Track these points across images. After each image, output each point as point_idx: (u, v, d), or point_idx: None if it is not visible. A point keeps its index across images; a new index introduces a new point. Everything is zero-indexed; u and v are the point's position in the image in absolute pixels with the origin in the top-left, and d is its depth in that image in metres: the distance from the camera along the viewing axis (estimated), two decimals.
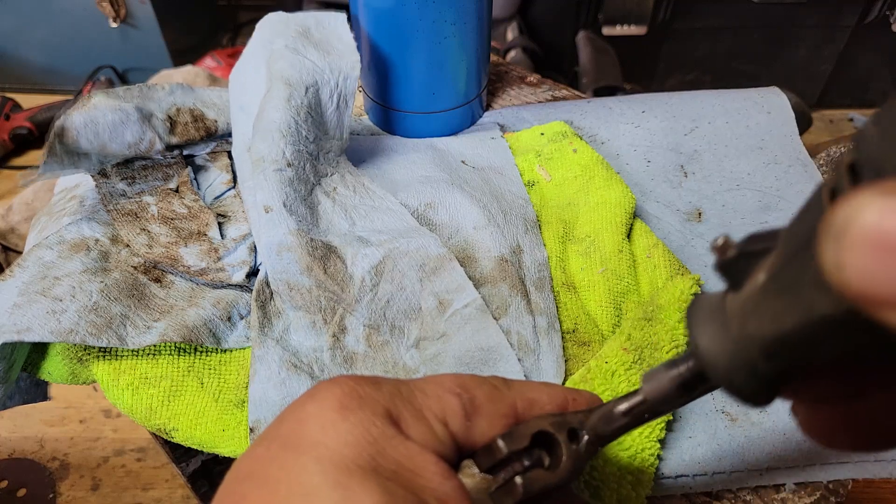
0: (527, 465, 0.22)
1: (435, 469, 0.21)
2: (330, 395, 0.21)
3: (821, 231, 0.13)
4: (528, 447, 0.22)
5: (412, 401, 0.22)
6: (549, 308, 0.39)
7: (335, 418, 0.21)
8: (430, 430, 0.22)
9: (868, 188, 0.12)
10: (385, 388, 0.22)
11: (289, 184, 0.39)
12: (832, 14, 1.36)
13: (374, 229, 0.41)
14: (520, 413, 0.24)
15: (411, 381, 0.23)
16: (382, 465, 0.20)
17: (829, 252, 0.13)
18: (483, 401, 0.23)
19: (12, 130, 1.35)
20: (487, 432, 0.23)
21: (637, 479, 0.33)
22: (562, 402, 0.24)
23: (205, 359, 0.37)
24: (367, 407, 0.21)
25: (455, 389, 0.23)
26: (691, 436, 0.36)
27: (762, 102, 0.54)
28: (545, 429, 0.22)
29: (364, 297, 0.37)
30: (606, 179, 0.47)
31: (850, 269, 0.12)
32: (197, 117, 0.45)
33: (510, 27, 1.37)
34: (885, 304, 0.12)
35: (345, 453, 0.20)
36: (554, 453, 0.23)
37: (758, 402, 0.18)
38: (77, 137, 0.39)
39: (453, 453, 0.22)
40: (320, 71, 0.42)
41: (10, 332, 0.34)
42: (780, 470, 0.35)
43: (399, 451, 0.21)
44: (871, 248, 0.12)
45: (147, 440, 0.87)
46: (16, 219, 1.06)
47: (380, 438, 0.20)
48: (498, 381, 0.24)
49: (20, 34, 1.45)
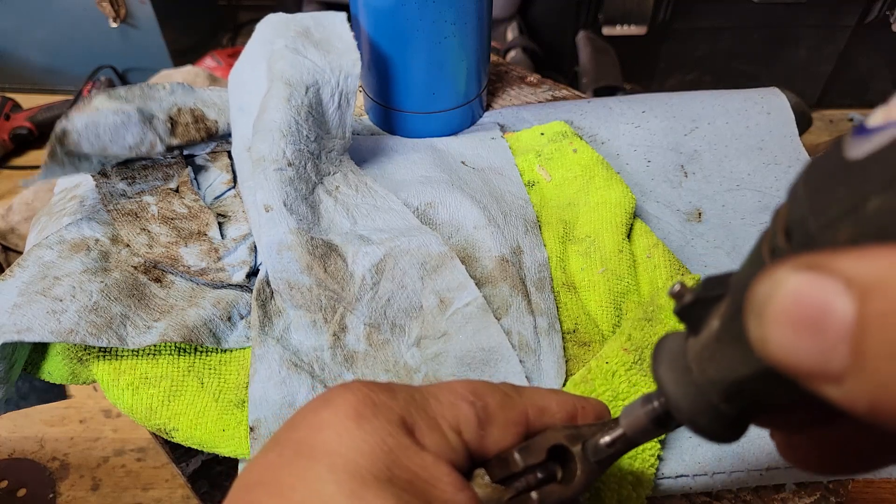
0: (540, 477, 0.22)
1: (449, 480, 0.21)
2: (345, 403, 0.21)
3: (745, 306, 0.13)
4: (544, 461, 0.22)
5: (426, 409, 0.22)
6: (549, 308, 0.39)
7: (350, 426, 0.20)
8: (445, 439, 0.22)
9: (787, 262, 0.13)
10: (400, 395, 0.22)
11: (289, 183, 0.39)
12: (832, 14, 1.36)
13: (375, 228, 0.41)
14: (530, 421, 0.24)
15: (424, 388, 0.23)
16: (397, 475, 0.20)
17: (752, 326, 0.13)
18: (495, 409, 0.23)
19: (12, 130, 1.35)
20: (500, 441, 0.23)
21: (637, 480, 0.33)
22: (571, 409, 0.24)
23: (205, 359, 0.37)
24: (383, 415, 0.21)
25: (468, 397, 0.23)
26: (691, 436, 0.36)
27: (762, 103, 0.54)
28: (561, 442, 0.23)
29: (365, 295, 0.37)
30: (606, 179, 0.47)
31: (772, 342, 0.13)
32: (198, 118, 0.45)
33: (510, 27, 1.37)
34: (808, 374, 0.12)
35: (360, 462, 0.19)
36: (567, 466, 0.23)
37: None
38: (78, 140, 0.39)
39: (466, 462, 0.22)
40: (321, 70, 0.42)
41: (11, 332, 0.34)
42: (780, 470, 0.35)
43: (414, 461, 0.20)
44: (790, 324, 0.12)
45: (147, 440, 0.87)
46: (16, 219, 1.06)
47: (395, 448, 0.20)
48: (509, 388, 0.24)
49: (20, 34, 1.45)
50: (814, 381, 0.13)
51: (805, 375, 0.13)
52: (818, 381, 0.12)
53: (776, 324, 0.13)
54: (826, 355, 0.12)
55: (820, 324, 0.12)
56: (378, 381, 0.23)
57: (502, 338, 0.37)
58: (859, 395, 0.12)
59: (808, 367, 0.12)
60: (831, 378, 0.12)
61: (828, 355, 0.12)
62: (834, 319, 0.12)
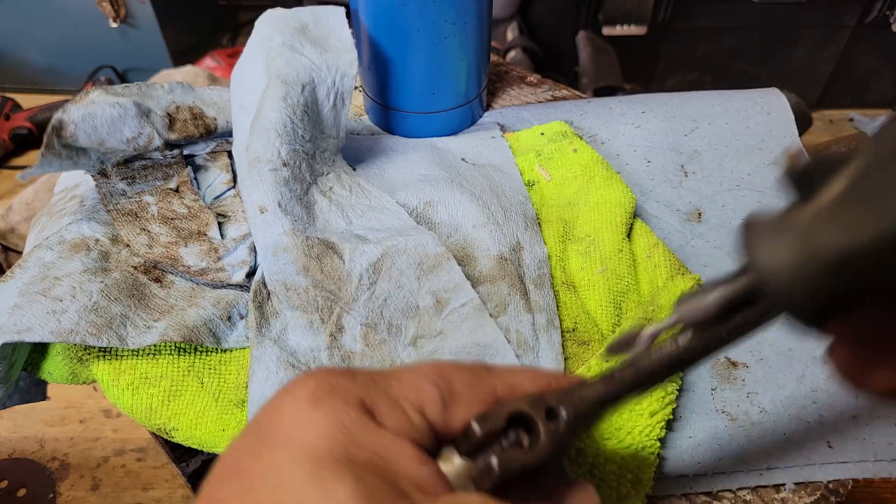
0: (506, 446, 0.22)
1: (410, 456, 0.21)
2: (303, 388, 0.21)
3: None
4: (508, 429, 0.22)
5: (387, 390, 0.22)
6: (548, 305, 0.39)
7: (307, 409, 0.21)
8: (406, 418, 0.22)
9: None
10: (360, 378, 0.22)
11: (284, 184, 0.39)
12: (832, 14, 1.36)
13: (371, 228, 0.41)
14: (500, 398, 0.23)
15: (388, 371, 0.23)
16: (356, 455, 0.20)
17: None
18: (461, 387, 0.23)
19: (12, 130, 1.35)
20: (466, 419, 0.23)
21: (637, 478, 0.33)
22: (544, 385, 0.24)
23: (205, 358, 0.37)
24: (340, 397, 0.21)
25: (433, 377, 0.23)
26: (691, 435, 0.36)
27: (762, 103, 0.54)
28: (521, 409, 0.22)
29: (361, 295, 0.37)
30: (606, 179, 0.47)
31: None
32: (196, 115, 0.45)
33: (510, 27, 1.37)
34: None
35: (318, 444, 0.20)
36: (533, 433, 0.22)
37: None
38: (75, 132, 0.38)
39: (431, 441, 0.22)
40: (317, 69, 0.42)
41: (11, 333, 0.34)
42: (780, 470, 0.35)
43: (373, 439, 0.21)
44: None
45: (147, 440, 0.87)
46: (16, 219, 1.06)
47: (353, 428, 0.20)
48: (478, 367, 0.24)
49: (20, 34, 1.45)
50: None
51: None
52: None
53: None
54: None
55: None
56: (341, 367, 0.23)
57: (498, 334, 0.37)
58: None
59: None
60: None
61: None
62: None
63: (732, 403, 0.37)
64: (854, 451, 0.35)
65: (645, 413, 0.34)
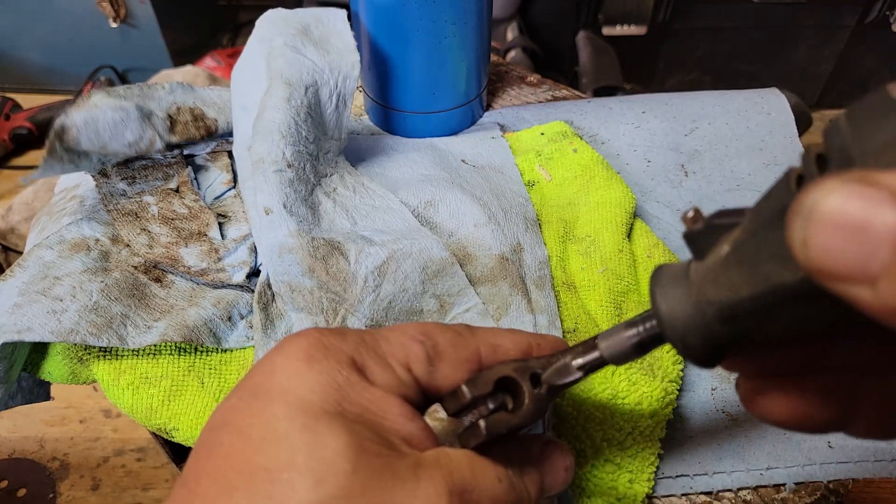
0: (492, 408, 0.23)
1: (399, 411, 0.22)
2: (296, 347, 0.22)
3: (791, 210, 0.14)
4: (494, 392, 0.24)
5: (376, 349, 0.24)
6: (549, 306, 0.39)
7: (301, 367, 0.22)
8: (394, 376, 0.23)
9: (834, 176, 0.14)
10: (350, 338, 0.23)
11: (289, 185, 0.39)
12: (832, 14, 1.36)
13: (376, 228, 0.41)
14: (483, 358, 0.25)
15: (375, 331, 0.25)
16: (348, 410, 0.21)
17: (796, 229, 0.14)
18: (446, 347, 0.24)
19: (12, 130, 1.35)
20: (451, 377, 0.24)
21: (637, 478, 0.33)
22: (526, 346, 0.25)
23: (205, 358, 0.37)
24: (332, 356, 0.22)
25: (418, 337, 0.24)
26: (691, 435, 0.36)
27: (762, 103, 0.54)
28: (508, 374, 0.24)
29: (367, 297, 0.37)
30: (607, 179, 0.47)
31: (814, 246, 0.14)
32: (197, 116, 0.45)
33: (510, 27, 1.36)
34: (840, 277, 0.13)
35: (311, 399, 0.21)
36: (517, 397, 0.24)
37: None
38: (77, 136, 0.38)
39: (419, 397, 0.24)
40: (320, 70, 0.42)
41: (11, 332, 0.34)
42: (779, 470, 0.35)
43: (363, 395, 0.22)
44: (833, 228, 0.13)
45: (147, 440, 0.87)
46: (16, 219, 1.06)
47: (344, 385, 0.22)
48: (462, 328, 0.25)
49: (20, 34, 1.45)
50: (847, 283, 0.13)
51: (841, 276, 0.13)
52: (852, 282, 0.13)
53: (821, 226, 0.13)
54: (866, 256, 0.13)
55: (864, 227, 0.13)
56: (331, 328, 0.24)
57: None
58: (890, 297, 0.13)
59: (846, 268, 0.13)
60: (867, 279, 0.13)
61: (867, 256, 0.13)
62: (878, 224, 0.13)
63: (732, 403, 0.37)
64: (854, 451, 0.35)
65: (645, 413, 0.34)
